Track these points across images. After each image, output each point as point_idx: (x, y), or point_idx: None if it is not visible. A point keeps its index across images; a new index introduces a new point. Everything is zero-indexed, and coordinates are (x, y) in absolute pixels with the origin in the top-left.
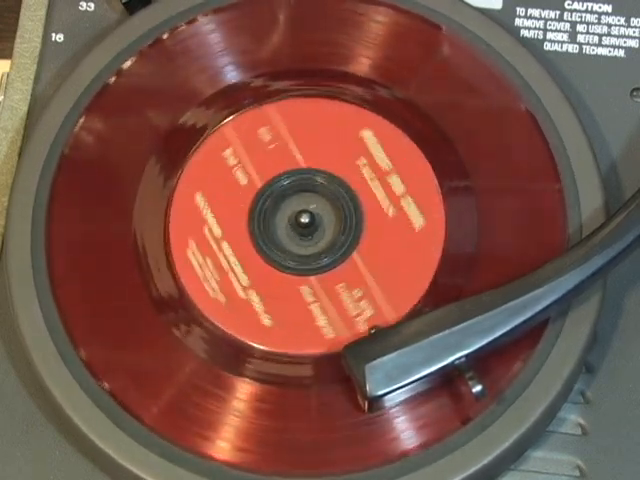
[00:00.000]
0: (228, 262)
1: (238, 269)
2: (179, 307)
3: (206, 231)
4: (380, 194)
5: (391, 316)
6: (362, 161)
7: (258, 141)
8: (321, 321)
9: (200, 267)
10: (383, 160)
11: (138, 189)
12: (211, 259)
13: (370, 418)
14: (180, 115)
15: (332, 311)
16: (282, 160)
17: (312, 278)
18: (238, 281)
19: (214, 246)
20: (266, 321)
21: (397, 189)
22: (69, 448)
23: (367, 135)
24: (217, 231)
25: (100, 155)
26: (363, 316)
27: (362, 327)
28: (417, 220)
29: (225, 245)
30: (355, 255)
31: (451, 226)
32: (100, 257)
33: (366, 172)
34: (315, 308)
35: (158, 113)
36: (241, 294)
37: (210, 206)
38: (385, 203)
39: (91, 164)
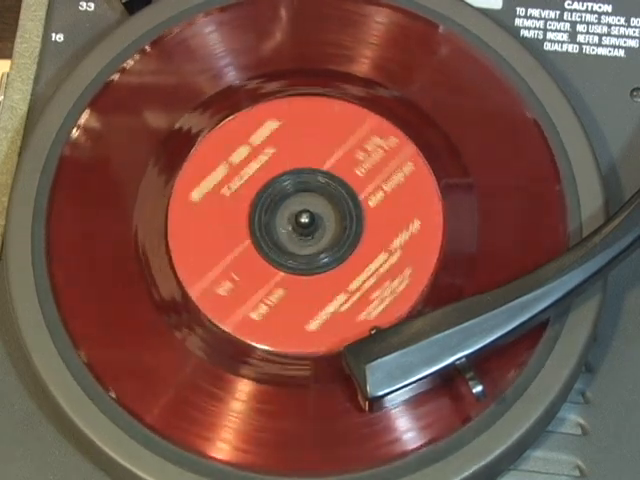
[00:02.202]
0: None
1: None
2: (179, 307)
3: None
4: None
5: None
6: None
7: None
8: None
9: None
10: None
11: (139, 189)
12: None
13: (370, 418)
14: (180, 115)
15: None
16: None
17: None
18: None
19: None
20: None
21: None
22: (69, 448)
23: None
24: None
25: (100, 155)
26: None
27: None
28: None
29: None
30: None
31: (450, 226)
32: (100, 257)
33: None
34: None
35: (158, 113)
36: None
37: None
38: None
39: (91, 164)
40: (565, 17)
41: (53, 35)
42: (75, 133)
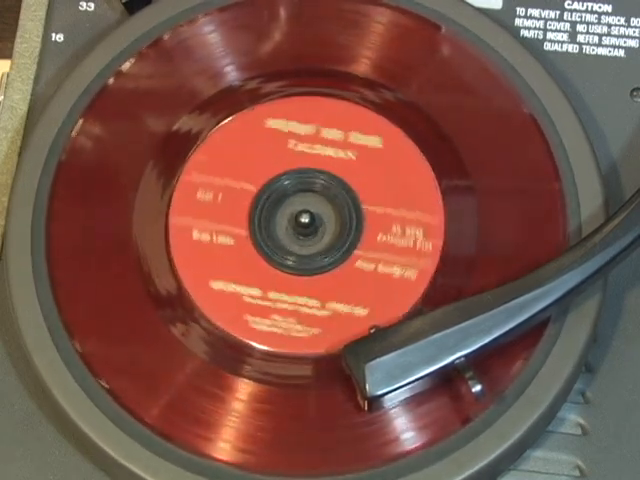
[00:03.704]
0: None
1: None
2: (179, 307)
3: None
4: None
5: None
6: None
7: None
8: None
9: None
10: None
11: (138, 189)
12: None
13: (370, 418)
14: (180, 115)
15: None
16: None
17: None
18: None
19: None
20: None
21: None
22: (69, 448)
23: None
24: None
25: (100, 155)
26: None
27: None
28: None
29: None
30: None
31: (450, 226)
32: (100, 257)
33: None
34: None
35: (158, 113)
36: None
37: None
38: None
39: (91, 164)
40: (565, 17)
41: (53, 35)
42: (75, 133)
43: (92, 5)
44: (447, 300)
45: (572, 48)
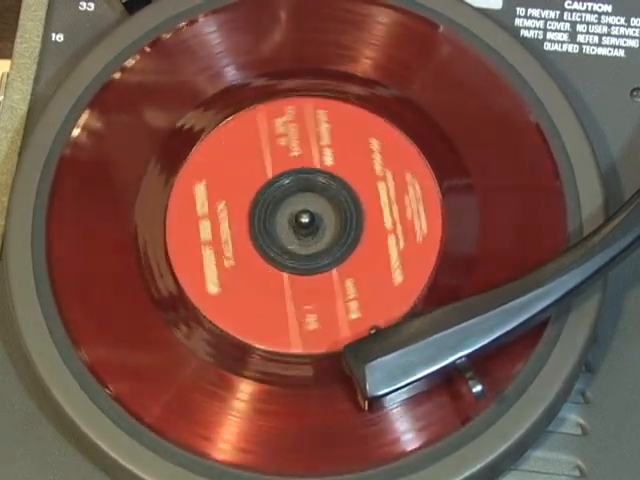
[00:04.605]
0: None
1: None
2: (179, 307)
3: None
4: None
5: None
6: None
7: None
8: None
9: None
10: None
11: (139, 189)
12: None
13: (370, 418)
14: (181, 115)
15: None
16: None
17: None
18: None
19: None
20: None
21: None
22: (69, 448)
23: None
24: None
25: (100, 155)
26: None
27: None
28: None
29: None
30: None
31: (451, 226)
32: (100, 257)
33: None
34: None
35: (158, 113)
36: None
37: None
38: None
39: (91, 164)
40: (565, 17)
41: (53, 35)
42: (75, 133)
43: (92, 5)
44: (447, 300)
45: (572, 48)
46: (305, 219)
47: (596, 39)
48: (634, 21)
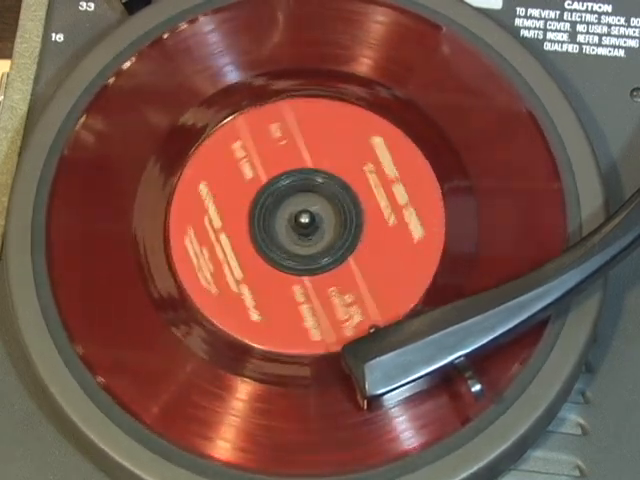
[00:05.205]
0: (225, 255)
1: (234, 263)
2: (179, 307)
3: (206, 222)
4: (383, 200)
5: (388, 317)
6: (369, 166)
7: (268, 137)
8: (309, 322)
9: (196, 257)
10: (382, 160)
11: (138, 189)
12: (208, 250)
13: (370, 418)
14: (180, 115)
15: (321, 313)
16: (289, 158)
17: (306, 279)
18: (232, 275)
19: (212, 237)
20: (255, 317)
21: (397, 189)
22: (69, 448)
23: (367, 135)
24: (217, 229)
25: (100, 155)
26: (351, 321)
27: (350, 332)
28: (417, 226)
29: (223, 238)
30: (351, 259)
31: (451, 226)
32: (100, 257)
33: (371, 177)
34: (305, 309)
35: (158, 113)
36: (234, 288)
37: (213, 197)
38: (386, 209)
39: (91, 164)
40: (565, 17)
41: (53, 35)
42: (75, 133)
43: (92, 5)
44: (447, 300)
45: (572, 48)
46: (305, 219)
47: (596, 39)
48: (634, 21)
